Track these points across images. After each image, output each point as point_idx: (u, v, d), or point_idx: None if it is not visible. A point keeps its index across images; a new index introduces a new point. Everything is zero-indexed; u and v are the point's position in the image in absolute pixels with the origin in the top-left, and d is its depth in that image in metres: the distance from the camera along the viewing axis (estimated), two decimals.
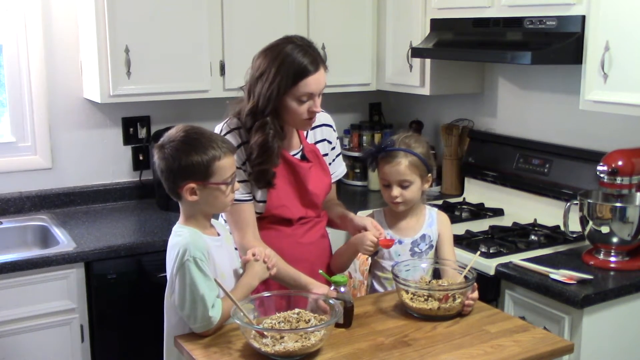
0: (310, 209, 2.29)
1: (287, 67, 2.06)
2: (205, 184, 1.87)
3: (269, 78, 2.07)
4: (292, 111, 2.11)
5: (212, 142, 1.88)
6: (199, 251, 1.84)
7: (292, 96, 2.09)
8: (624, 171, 2.41)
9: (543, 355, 1.82)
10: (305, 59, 2.07)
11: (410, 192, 2.20)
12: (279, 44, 2.12)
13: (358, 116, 3.97)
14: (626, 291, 2.31)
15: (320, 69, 2.10)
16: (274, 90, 2.07)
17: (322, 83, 2.12)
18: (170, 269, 1.89)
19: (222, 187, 1.89)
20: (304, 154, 2.29)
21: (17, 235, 3.02)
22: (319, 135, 2.36)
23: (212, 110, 3.39)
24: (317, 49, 2.15)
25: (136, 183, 3.41)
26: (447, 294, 1.98)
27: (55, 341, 2.67)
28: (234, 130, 2.17)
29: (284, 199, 2.21)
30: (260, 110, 2.11)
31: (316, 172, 2.29)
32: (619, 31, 2.38)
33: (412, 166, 2.18)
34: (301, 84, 2.07)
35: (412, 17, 3.29)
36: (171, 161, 1.86)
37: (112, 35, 2.91)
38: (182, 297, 1.84)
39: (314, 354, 1.76)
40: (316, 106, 2.12)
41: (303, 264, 2.27)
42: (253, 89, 2.13)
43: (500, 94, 3.38)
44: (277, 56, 2.08)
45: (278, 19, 3.26)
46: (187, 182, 1.86)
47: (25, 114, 3.15)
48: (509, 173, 3.22)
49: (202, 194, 1.88)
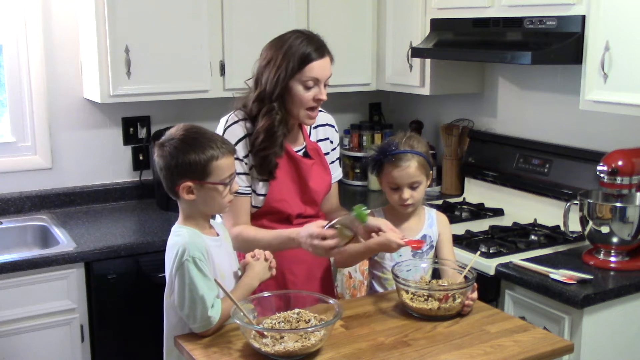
0: (309, 206, 2.29)
1: (293, 52, 2.12)
2: (202, 183, 1.87)
3: (276, 63, 2.13)
4: (298, 97, 2.15)
5: (212, 142, 1.88)
6: (198, 251, 1.84)
7: (298, 81, 2.13)
8: (624, 171, 2.41)
9: (543, 355, 1.82)
10: (311, 46, 2.14)
11: (419, 192, 2.20)
12: (286, 34, 2.20)
13: (358, 116, 3.97)
14: (626, 291, 2.31)
15: (326, 57, 2.17)
16: (281, 74, 2.12)
17: (328, 70, 2.17)
18: (169, 269, 1.89)
19: (219, 187, 1.88)
20: (306, 151, 2.30)
21: (17, 235, 3.02)
22: (321, 134, 2.37)
23: (212, 110, 3.39)
24: (322, 39, 2.20)
25: (136, 183, 3.41)
26: (447, 294, 1.98)
27: (55, 341, 2.67)
28: (240, 121, 2.19)
29: (285, 193, 2.22)
30: (267, 95, 2.15)
31: (318, 170, 2.30)
32: (619, 31, 2.38)
33: (420, 167, 2.18)
34: (307, 69, 2.12)
35: (412, 17, 3.29)
36: (169, 159, 1.86)
37: (112, 35, 2.91)
38: (181, 297, 1.84)
39: (314, 354, 1.76)
40: (322, 94, 2.17)
41: (301, 264, 2.27)
42: (260, 78, 2.18)
43: (500, 94, 3.38)
44: (283, 44, 2.15)
45: (278, 19, 3.26)
46: (184, 181, 1.86)
47: (25, 114, 3.15)
48: (509, 173, 3.22)
49: (199, 193, 1.88)
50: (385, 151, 2.19)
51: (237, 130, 2.17)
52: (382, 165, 2.20)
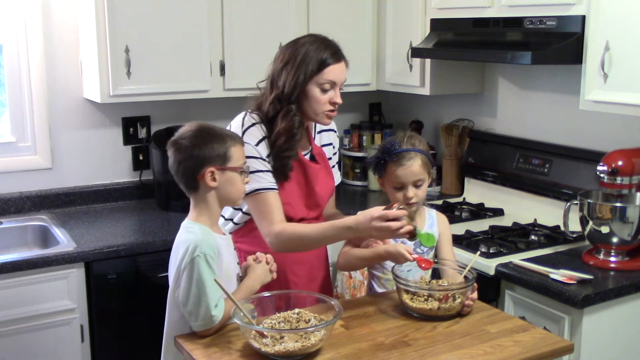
0: (313, 210, 2.29)
1: (311, 56, 2.15)
2: (224, 169, 1.92)
3: (295, 65, 2.15)
4: (315, 100, 2.16)
5: (224, 133, 1.97)
6: (210, 249, 1.86)
7: (315, 83, 2.15)
8: (624, 171, 2.41)
9: (543, 355, 1.82)
10: (328, 50, 2.17)
11: (422, 191, 2.21)
12: (302, 38, 2.22)
13: (358, 116, 3.97)
14: (626, 291, 2.31)
15: (342, 62, 2.20)
16: (299, 76, 2.14)
17: (344, 74, 2.21)
18: (177, 264, 1.90)
19: (237, 174, 1.95)
20: (312, 154, 2.30)
21: (17, 235, 3.02)
22: (325, 139, 2.38)
23: (212, 110, 3.40)
24: (338, 44, 2.23)
25: (136, 183, 3.41)
26: (447, 294, 1.98)
27: (55, 341, 2.67)
28: (257, 124, 2.18)
29: (290, 197, 2.22)
30: (285, 97, 2.16)
31: (323, 175, 2.31)
32: (619, 31, 2.38)
33: (424, 164, 2.19)
34: (325, 71, 2.15)
35: (412, 17, 3.29)
36: (191, 149, 1.91)
37: (112, 35, 2.91)
38: (187, 292, 1.85)
39: (314, 354, 1.76)
40: (337, 97, 2.19)
41: (303, 265, 2.28)
42: (277, 79, 2.19)
43: (500, 94, 3.38)
44: (301, 47, 2.17)
45: (278, 19, 3.27)
46: (207, 167, 1.91)
47: (25, 114, 3.15)
48: (509, 173, 3.22)
49: (220, 179, 1.92)
50: (389, 150, 2.19)
51: (256, 132, 2.16)
52: (386, 165, 2.20)
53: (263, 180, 2.12)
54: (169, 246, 2.84)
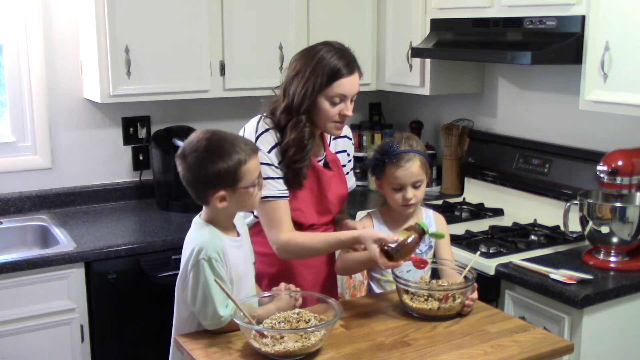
0: (324, 216, 2.29)
1: (322, 67, 2.10)
2: (235, 190, 1.86)
3: (305, 76, 2.11)
4: (324, 112, 2.13)
5: (236, 146, 1.86)
6: (215, 252, 1.85)
7: (325, 96, 2.12)
8: (624, 171, 2.41)
9: (543, 355, 1.82)
10: (341, 61, 2.12)
11: (421, 191, 2.21)
12: (317, 46, 2.17)
13: (358, 116, 3.97)
14: (626, 291, 2.31)
15: (355, 73, 2.15)
16: (308, 88, 2.10)
17: (356, 87, 2.16)
18: (184, 263, 1.90)
19: (250, 189, 1.88)
20: (326, 161, 2.30)
21: (17, 235, 3.02)
22: (340, 146, 2.37)
23: (212, 110, 3.40)
24: (353, 54, 2.18)
25: (136, 183, 3.41)
26: (447, 294, 1.98)
27: (55, 341, 2.67)
28: (270, 130, 2.17)
29: (302, 203, 2.21)
30: (295, 109, 2.14)
31: (336, 182, 2.30)
32: (619, 31, 2.38)
33: (422, 165, 2.19)
34: (335, 85, 2.10)
35: (412, 17, 3.29)
36: (197, 171, 1.84)
37: (112, 35, 2.91)
38: (194, 294, 1.86)
39: (314, 354, 1.76)
40: (348, 109, 2.15)
41: (310, 269, 2.28)
42: (288, 88, 2.16)
43: (500, 94, 3.38)
44: (313, 57, 2.12)
45: (278, 19, 3.26)
46: (216, 190, 1.85)
47: (25, 114, 3.15)
48: (509, 173, 3.22)
49: (231, 199, 1.87)
50: (387, 152, 2.19)
51: (269, 138, 2.15)
52: (384, 166, 2.19)
53: (273, 188, 2.12)
54: (169, 246, 2.86)
